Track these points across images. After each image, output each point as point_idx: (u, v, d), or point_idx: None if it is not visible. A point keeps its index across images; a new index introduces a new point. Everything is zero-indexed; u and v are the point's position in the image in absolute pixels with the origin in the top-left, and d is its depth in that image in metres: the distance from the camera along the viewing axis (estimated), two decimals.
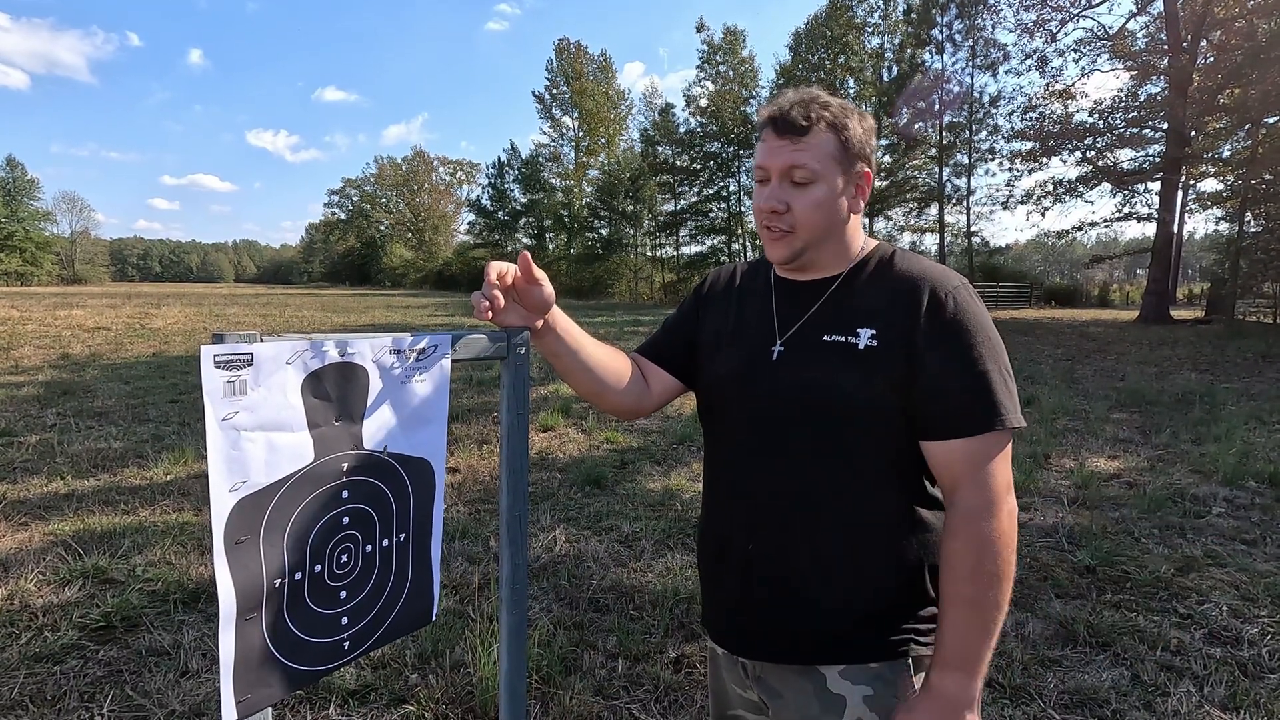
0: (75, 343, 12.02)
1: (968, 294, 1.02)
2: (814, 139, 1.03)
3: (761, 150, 1.07)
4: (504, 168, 55.07)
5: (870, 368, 1.01)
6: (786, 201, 1.04)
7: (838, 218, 1.07)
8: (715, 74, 38.27)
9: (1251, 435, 6.13)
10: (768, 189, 1.06)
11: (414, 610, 1.02)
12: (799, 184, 1.04)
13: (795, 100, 1.04)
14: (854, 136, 1.04)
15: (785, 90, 1.08)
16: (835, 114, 1.04)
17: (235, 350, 0.76)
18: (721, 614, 1.16)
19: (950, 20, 26.81)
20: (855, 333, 1.03)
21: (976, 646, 0.97)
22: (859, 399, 1.01)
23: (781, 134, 1.03)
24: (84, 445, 5.44)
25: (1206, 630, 2.81)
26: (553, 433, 6.21)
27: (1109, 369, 10.67)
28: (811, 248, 1.08)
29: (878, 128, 1.14)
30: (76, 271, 74.76)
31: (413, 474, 0.98)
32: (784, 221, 1.05)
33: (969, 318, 1.00)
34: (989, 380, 0.98)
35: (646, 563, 3.44)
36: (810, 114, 1.02)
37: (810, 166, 1.02)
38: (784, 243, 1.07)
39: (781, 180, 1.04)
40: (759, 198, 1.07)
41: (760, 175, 1.07)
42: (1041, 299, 33.29)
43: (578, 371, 1.14)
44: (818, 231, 1.06)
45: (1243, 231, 19.79)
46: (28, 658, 2.52)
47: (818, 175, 1.03)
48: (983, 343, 0.99)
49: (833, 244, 1.09)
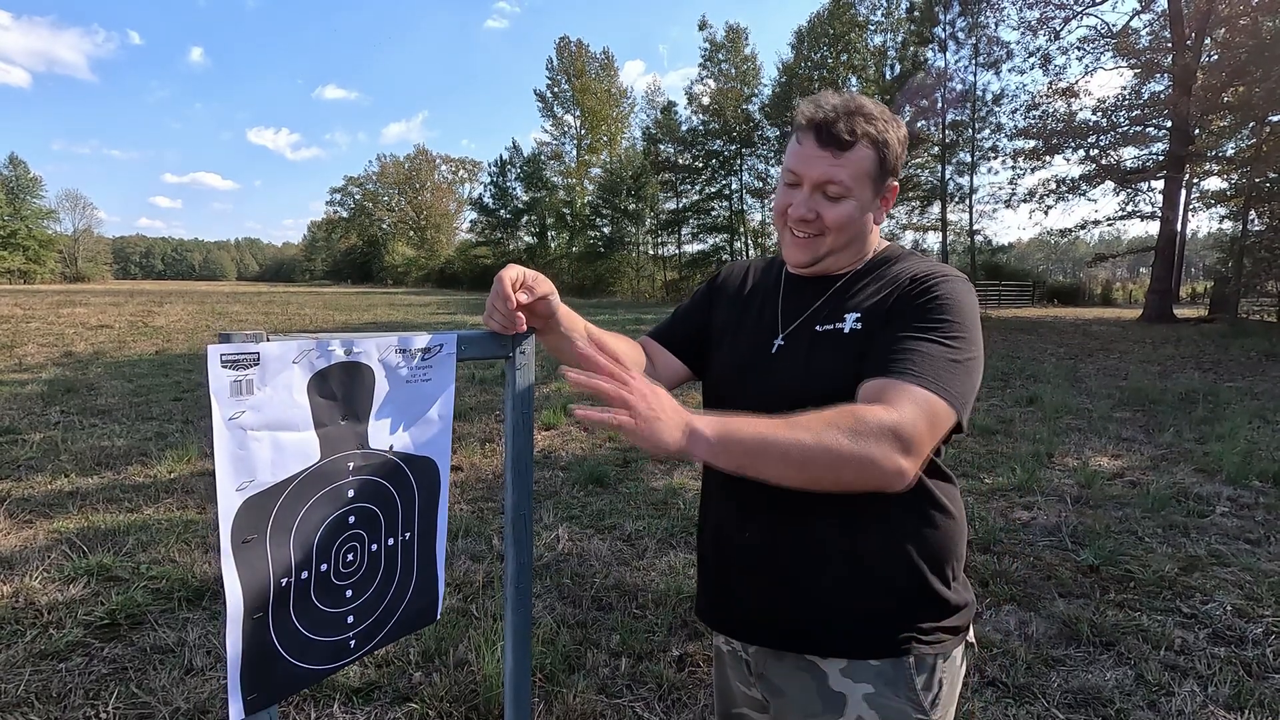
0: (78, 340, 12.05)
1: (957, 284, 1.01)
2: (855, 155, 1.02)
3: (798, 155, 1.05)
4: (506, 166, 55.06)
5: (855, 350, 1.02)
6: (817, 211, 1.04)
7: (863, 229, 1.09)
8: (717, 72, 38.23)
9: (1255, 434, 6.11)
10: (798, 196, 1.06)
11: (418, 608, 1.03)
12: (832, 198, 1.04)
13: (842, 111, 1.02)
14: (892, 154, 1.04)
15: (828, 92, 1.06)
16: (879, 130, 1.02)
17: (242, 350, 0.76)
18: (718, 600, 1.17)
19: (953, 18, 26.73)
20: (843, 318, 1.05)
21: (744, 429, 0.85)
22: (843, 384, 0.98)
23: (824, 145, 1.02)
24: (88, 443, 5.45)
25: (1211, 630, 2.81)
26: (555, 431, 6.21)
27: (1112, 368, 10.65)
28: (832, 254, 1.09)
29: None
30: (79, 269, 74.93)
31: (418, 473, 0.98)
32: (812, 228, 1.06)
33: (949, 305, 0.98)
34: (939, 356, 0.93)
35: (649, 561, 3.45)
36: (856, 129, 1.01)
37: (846, 184, 1.02)
38: (808, 249, 1.08)
39: (814, 191, 1.04)
40: (788, 202, 1.07)
41: (792, 179, 1.06)
42: (1044, 297, 33.27)
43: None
44: (841, 241, 1.07)
45: (1246, 230, 19.75)
46: (33, 655, 2.53)
47: (851, 192, 1.03)
48: (952, 324, 0.96)
49: (851, 249, 1.11)
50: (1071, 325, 19.17)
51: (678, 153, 39.46)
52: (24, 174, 64.40)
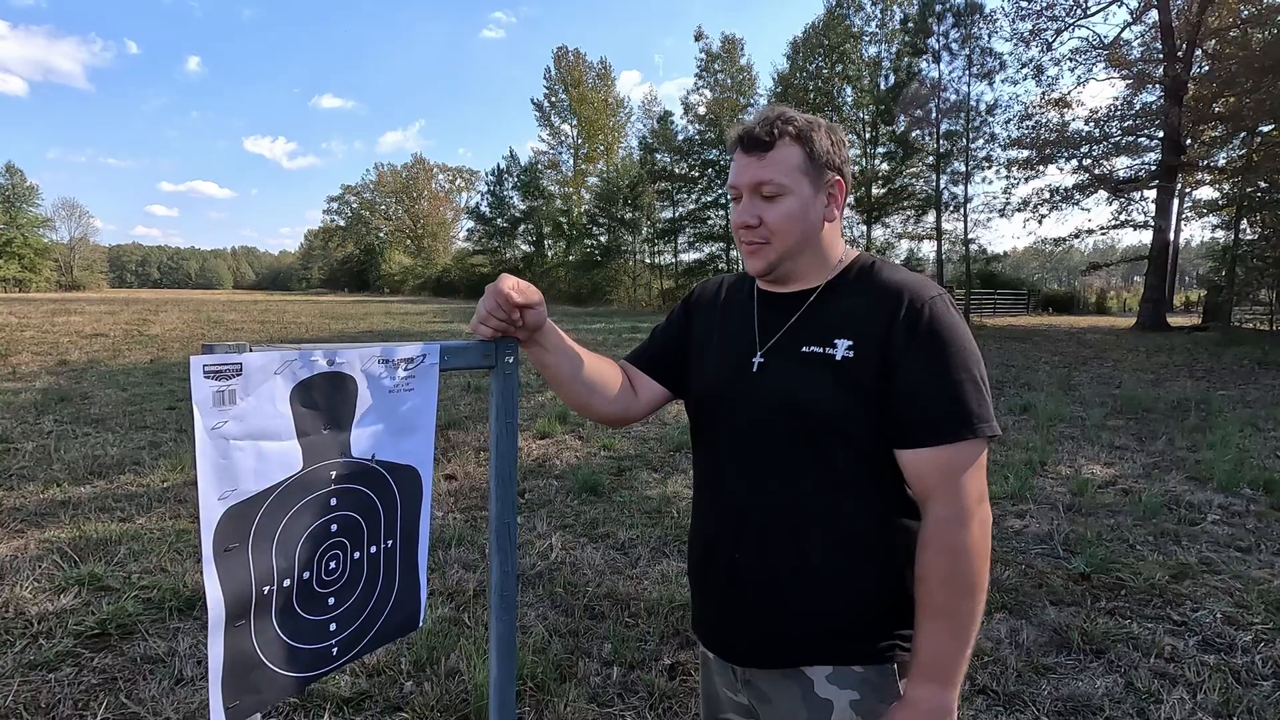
0: (73, 349, 12.02)
1: (944, 304, 1.04)
2: (778, 153, 1.06)
3: (732, 170, 1.11)
4: (503, 175, 55.17)
5: (847, 378, 1.02)
6: (759, 215, 1.07)
7: (811, 227, 1.09)
8: (713, 82, 38.45)
9: (1247, 442, 6.15)
10: (740, 205, 1.09)
11: (401, 616, 1.03)
12: (768, 198, 1.07)
13: (759, 118, 1.08)
14: (819, 147, 1.07)
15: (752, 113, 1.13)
16: (799, 127, 1.06)
17: (224, 360, 0.77)
18: (709, 618, 1.18)
19: (947, 29, 26.92)
20: (833, 343, 1.04)
21: (951, 657, 0.98)
22: (837, 409, 1.03)
23: (748, 151, 1.07)
24: (81, 452, 5.44)
25: (1200, 637, 2.82)
26: (550, 440, 6.22)
27: (1106, 376, 10.69)
28: (788, 258, 1.10)
29: (875, 135, 1.17)
30: (75, 278, 74.76)
31: (401, 481, 0.99)
32: (758, 235, 1.08)
33: (944, 328, 1.01)
34: (962, 389, 0.99)
35: (642, 570, 3.45)
36: (774, 129, 1.05)
37: (776, 180, 1.05)
38: (760, 255, 1.10)
39: (752, 196, 1.08)
40: (733, 214, 1.11)
41: (734, 194, 1.11)
42: (1039, 306, 33.37)
43: (567, 381, 1.17)
44: (792, 242, 1.08)
45: (1239, 239, 19.90)
46: (22, 665, 2.52)
47: (785, 188, 1.06)
48: (957, 352, 1.00)
49: (809, 254, 1.11)
50: (1066, 333, 19.24)
51: (674, 162, 39.61)
52: (20, 182, 64.33)
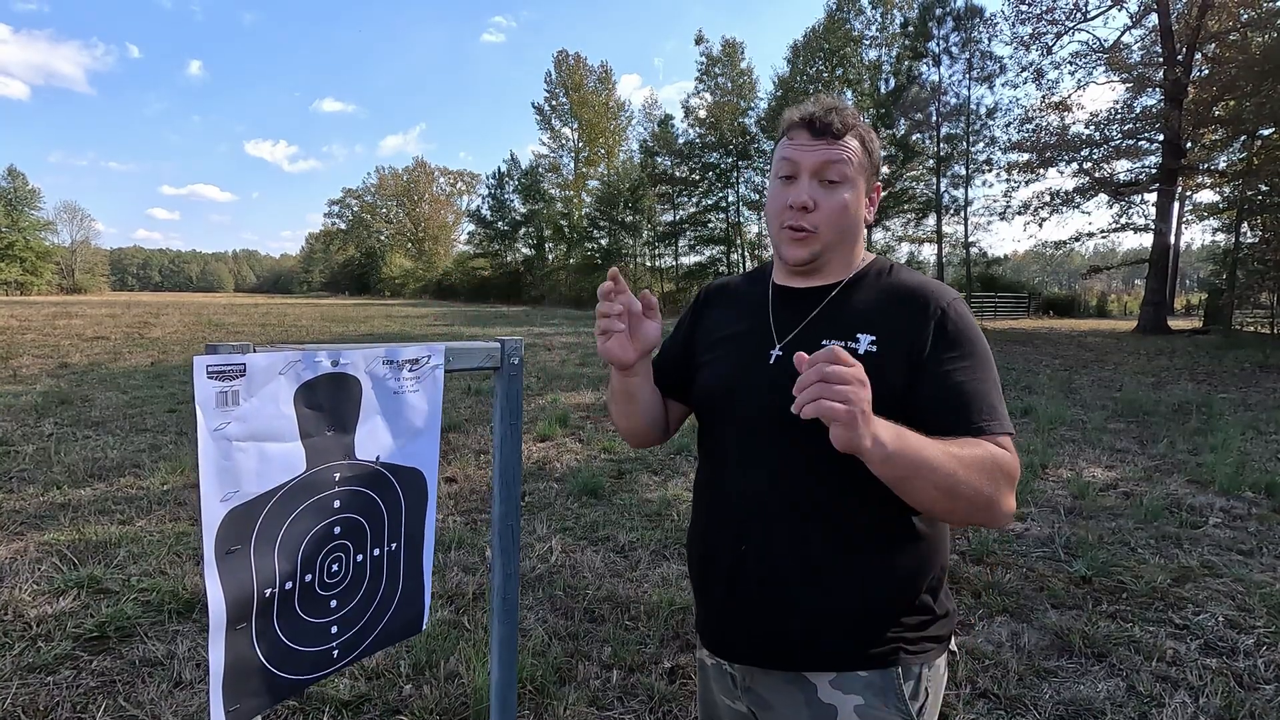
0: (74, 352, 12.02)
1: (964, 306, 1.07)
2: (848, 143, 1.06)
3: (791, 148, 1.07)
4: (504, 178, 55.28)
5: (872, 373, 1.01)
6: (816, 200, 1.05)
7: (855, 223, 1.09)
8: (714, 85, 38.58)
9: (1248, 445, 6.14)
10: (796, 185, 1.06)
11: (404, 619, 1.03)
12: (830, 183, 1.06)
13: (830, 106, 1.07)
14: (874, 150, 1.10)
15: (809, 98, 1.13)
16: (862, 129, 1.09)
17: (228, 361, 0.77)
18: (710, 618, 1.16)
19: (947, 33, 27.04)
20: (855, 338, 1.03)
21: (917, 452, 0.87)
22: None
23: (818, 135, 1.06)
24: (81, 454, 5.43)
25: (1202, 641, 2.81)
26: (550, 442, 6.21)
27: (1106, 379, 10.69)
28: (829, 250, 1.09)
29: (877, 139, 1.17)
30: (76, 281, 74.87)
31: (405, 484, 0.99)
32: (808, 221, 1.06)
33: (969, 328, 1.04)
34: (992, 389, 1.02)
35: (642, 573, 3.44)
36: (846, 121, 1.06)
37: (844, 169, 1.05)
38: (805, 244, 1.07)
39: (812, 179, 1.06)
40: (785, 194, 1.07)
41: (787, 170, 1.07)
42: (1040, 309, 33.35)
43: (640, 414, 1.19)
44: (837, 234, 1.08)
45: (1239, 242, 19.91)
46: (21, 668, 2.51)
47: (848, 178, 1.06)
48: (981, 354, 1.03)
49: (844, 250, 1.11)
50: (1066, 337, 19.23)
51: (674, 165, 39.71)
52: (22, 186, 64.45)
